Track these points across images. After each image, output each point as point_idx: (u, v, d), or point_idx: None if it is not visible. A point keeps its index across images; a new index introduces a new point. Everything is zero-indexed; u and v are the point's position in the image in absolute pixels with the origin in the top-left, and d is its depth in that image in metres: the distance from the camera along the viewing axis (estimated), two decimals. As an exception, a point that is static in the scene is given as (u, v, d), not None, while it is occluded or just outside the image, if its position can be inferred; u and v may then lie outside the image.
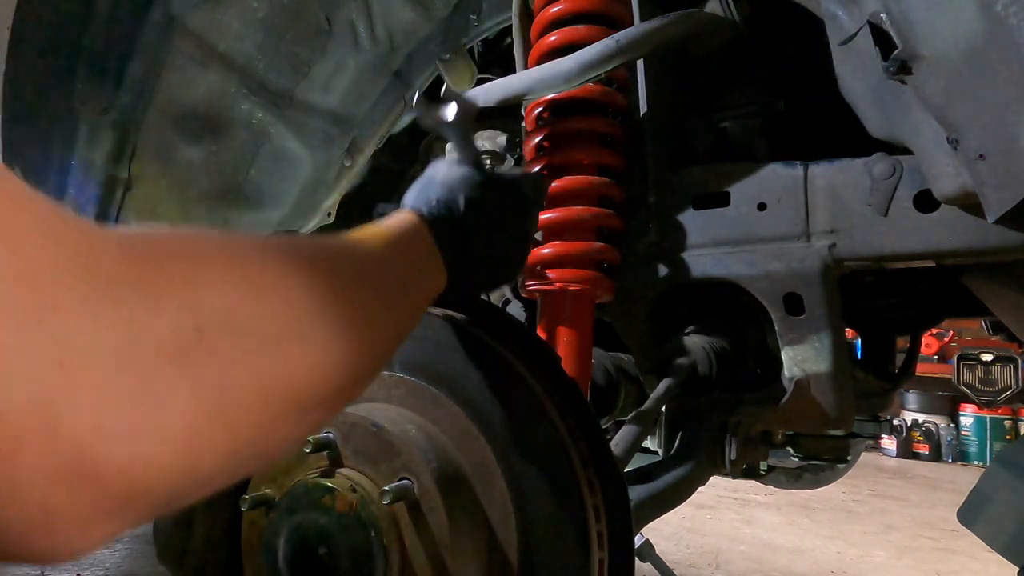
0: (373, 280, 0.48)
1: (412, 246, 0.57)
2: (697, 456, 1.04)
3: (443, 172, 0.66)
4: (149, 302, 0.29)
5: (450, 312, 0.68)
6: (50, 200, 0.28)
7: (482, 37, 1.32)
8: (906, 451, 6.56)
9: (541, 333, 0.94)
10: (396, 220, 0.58)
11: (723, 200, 0.94)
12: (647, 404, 0.95)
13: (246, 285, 0.35)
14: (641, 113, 0.98)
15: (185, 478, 0.29)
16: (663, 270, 0.98)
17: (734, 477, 1.14)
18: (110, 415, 0.25)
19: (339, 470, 0.63)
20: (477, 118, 0.86)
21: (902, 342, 1.64)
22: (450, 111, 0.68)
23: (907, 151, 0.76)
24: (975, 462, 6.32)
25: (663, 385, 0.97)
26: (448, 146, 0.96)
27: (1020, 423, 6.36)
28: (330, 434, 0.64)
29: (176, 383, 0.29)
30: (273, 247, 0.40)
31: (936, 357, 6.62)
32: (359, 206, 1.66)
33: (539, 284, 0.94)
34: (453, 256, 0.60)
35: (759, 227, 0.91)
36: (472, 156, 0.68)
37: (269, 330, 0.35)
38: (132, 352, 0.27)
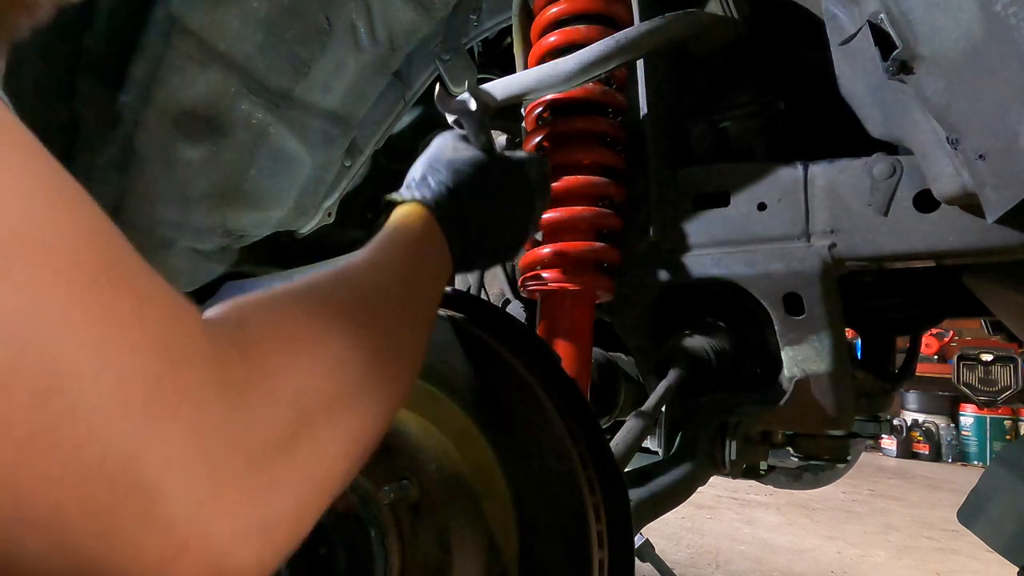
0: (408, 304, 0.51)
1: (428, 251, 0.59)
2: (697, 456, 1.04)
3: (449, 153, 0.67)
4: (263, 397, 0.31)
5: (451, 312, 0.68)
6: (157, 276, 0.29)
7: (482, 37, 1.32)
8: (906, 451, 6.56)
9: (541, 333, 0.94)
10: (407, 220, 0.60)
11: (723, 200, 0.94)
12: (647, 404, 0.95)
13: (329, 359, 0.38)
14: (641, 113, 0.98)
15: (292, 547, 0.32)
16: (663, 270, 0.98)
17: (734, 477, 1.14)
18: (244, 517, 0.28)
19: (339, 470, 0.63)
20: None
21: (902, 342, 1.64)
22: (471, 103, 0.71)
23: (907, 151, 0.76)
24: (975, 462, 6.32)
25: (663, 385, 0.97)
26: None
27: (1020, 423, 6.36)
28: (330, 434, 0.64)
29: (289, 473, 0.31)
30: (333, 305, 0.42)
31: (936, 357, 6.62)
32: (359, 206, 1.66)
33: (539, 284, 0.94)
34: (458, 242, 0.62)
35: (759, 227, 0.91)
36: (483, 139, 0.70)
37: (350, 398, 0.38)
38: (255, 450, 0.29)
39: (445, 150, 0.68)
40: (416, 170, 0.67)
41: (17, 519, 0.24)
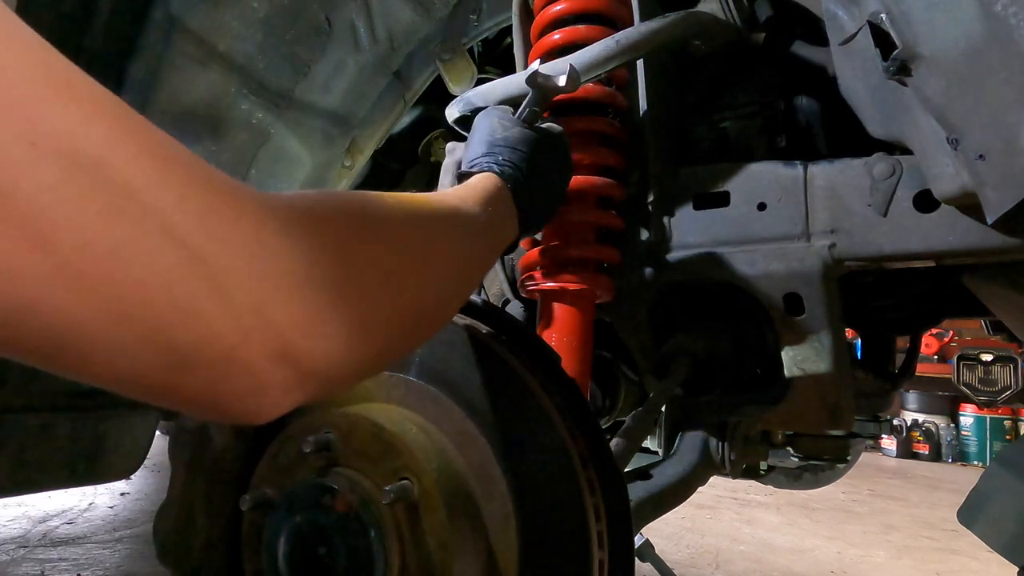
0: (483, 235, 0.62)
1: (500, 206, 0.67)
2: (697, 456, 1.04)
3: (502, 132, 0.75)
4: (309, 236, 0.37)
5: (450, 312, 0.68)
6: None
7: (482, 37, 1.32)
8: (906, 451, 6.56)
9: (541, 333, 0.94)
10: (484, 183, 0.67)
11: (723, 200, 0.94)
12: (647, 404, 0.95)
13: (422, 240, 0.49)
14: (641, 113, 0.98)
15: (349, 372, 0.39)
16: (663, 270, 0.98)
17: (734, 477, 1.14)
18: (300, 339, 0.34)
19: (339, 470, 0.63)
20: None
21: (902, 342, 1.63)
22: (562, 79, 0.75)
23: (907, 151, 0.76)
24: (975, 462, 6.32)
25: (663, 385, 0.97)
26: (449, 145, 0.96)
27: (1020, 423, 6.36)
28: (330, 434, 0.64)
29: (336, 305, 0.37)
30: (431, 214, 0.53)
31: (936, 357, 6.62)
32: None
33: (539, 284, 0.94)
34: (523, 207, 0.70)
35: (759, 227, 0.91)
36: (535, 115, 0.77)
37: (399, 267, 0.46)
38: (301, 274, 0.34)
39: (497, 129, 0.75)
40: (476, 148, 0.74)
41: (115, 317, 0.28)
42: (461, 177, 0.72)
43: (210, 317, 0.30)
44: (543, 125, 0.80)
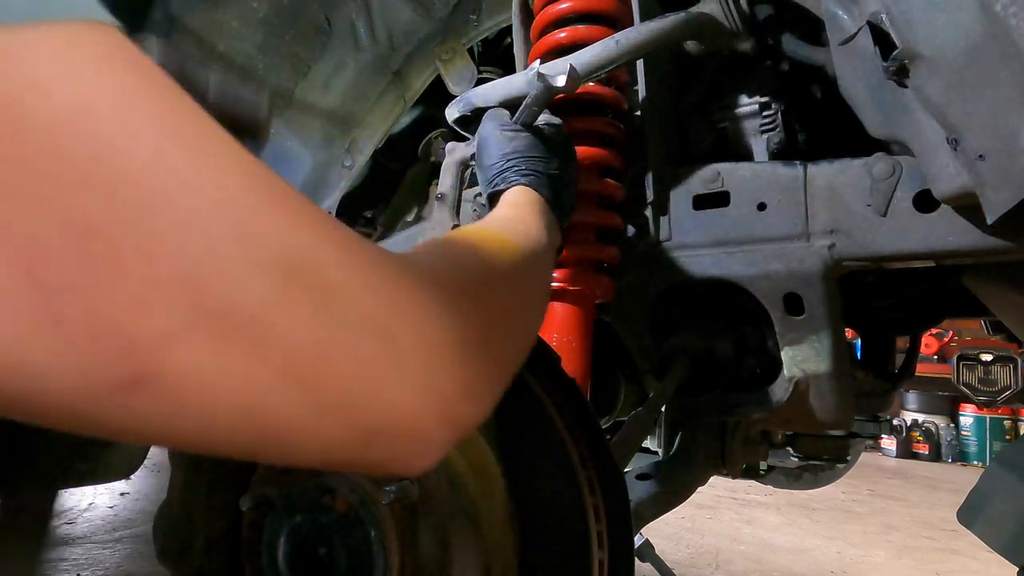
0: (550, 255, 0.63)
1: (547, 218, 0.68)
2: (697, 456, 1.04)
3: (511, 142, 0.75)
4: (474, 302, 0.40)
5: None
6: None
7: (482, 37, 1.32)
8: (906, 451, 6.56)
9: (541, 333, 0.94)
10: (524, 198, 0.69)
11: (723, 200, 0.94)
12: (647, 404, 0.95)
13: (513, 280, 0.50)
14: (641, 113, 0.98)
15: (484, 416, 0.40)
16: (663, 270, 0.98)
17: (734, 477, 1.14)
18: (459, 403, 0.36)
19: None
20: (478, 117, 0.86)
21: (902, 342, 1.64)
22: (561, 79, 0.75)
23: (907, 151, 0.76)
24: (975, 462, 6.32)
25: (663, 385, 0.97)
26: (449, 145, 0.96)
27: (1020, 423, 6.35)
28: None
29: (494, 360, 0.40)
30: (519, 251, 0.54)
31: (936, 357, 6.61)
32: (359, 206, 1.66)
33: (539, 284, 0.94)
34: (556, 212, 0.73)
35: (759, 227, 0.91)
36: (535, 115, 0.77)
37: (526, 321, 0.50)
38: (470, 336, 0.37)
39: (507, 137, 0.76)
40: (493, 161, 0.75)
41: (320, 409, 0.29)
42: (493, 197, 0.73)
43: (395, 395, 0.32)
44: (541, 122, 0.80)
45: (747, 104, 1.00)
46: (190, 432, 0.26)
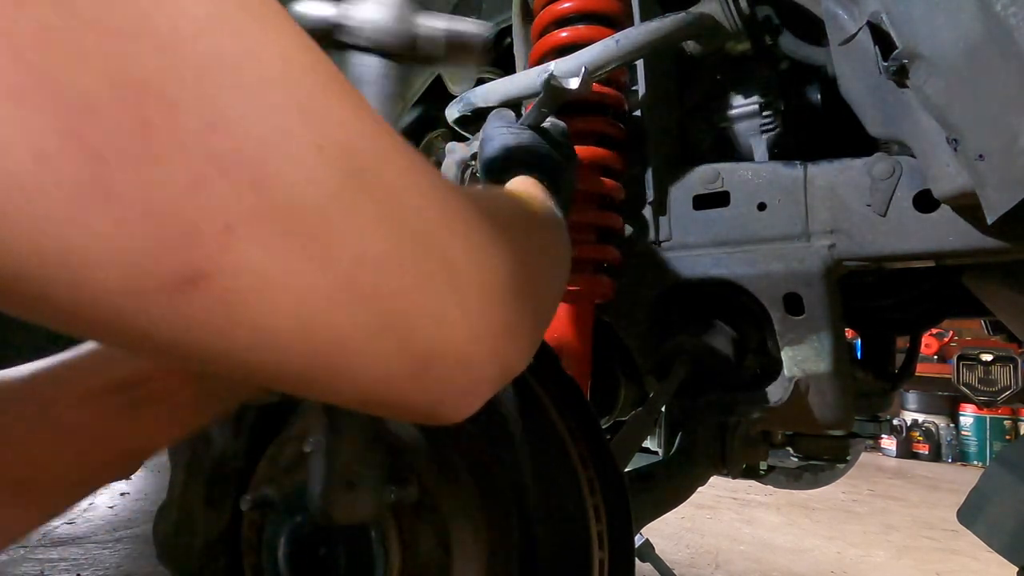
0: (566, 232, 0.62)
1: (550, 202, 0.67)
2: (697, 456, 1.04)
3: (515, 140, 0.74)
4: (523, 244, 0.39)
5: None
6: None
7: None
8: (906, 451, 6.56)
9: (541, 333, 0.94)
10: (533, 185, 0.68)
11: (723, 200, 0.94)
12: (647, 404, 0.95)
13: (544, 232, 0.50)
14: (641, 113, 0.98)
15: (521, 369, 0.39)
16: (663, 270, 0.98)
17: (734, 477, 1.14)
18: (506, 340, 0.35)
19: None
20: (478, 117, 0.86)
21: (902, 342, 1.64)
22: (575, 81, 0.75)
23: (907, 151, 0.76)
24: (975, 462, 6.32)
25: (663, 385, 0.97)
26: (449, 145, 0.96)
27: (1020, 423, 6.35)
28: (330, 434, 0.64)
29: (537, 304, 0.39)
30: (534, 212, 0.53)
31: (936, 357, 6.61)
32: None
33: (539, 284, 0.94)
34: (560, 204, 0.72)
35: (759, 227, 0.91)
36: (544, 116, 0.77)
37: (560, 268, 0.50)
38: (519, 284, 0.35)
39: (512, 135, 0.75)
40: (496, 156, 0.73)
41: (378, 329, 0.27)
42: (498, 180, 0.72)
43: (452, 320, 0.30)
44: (547, 125, 0.80)
45: (747, 104, 1.00)
46: (241, 345, 0.23)
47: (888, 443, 6.59)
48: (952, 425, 6.58)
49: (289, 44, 0.24)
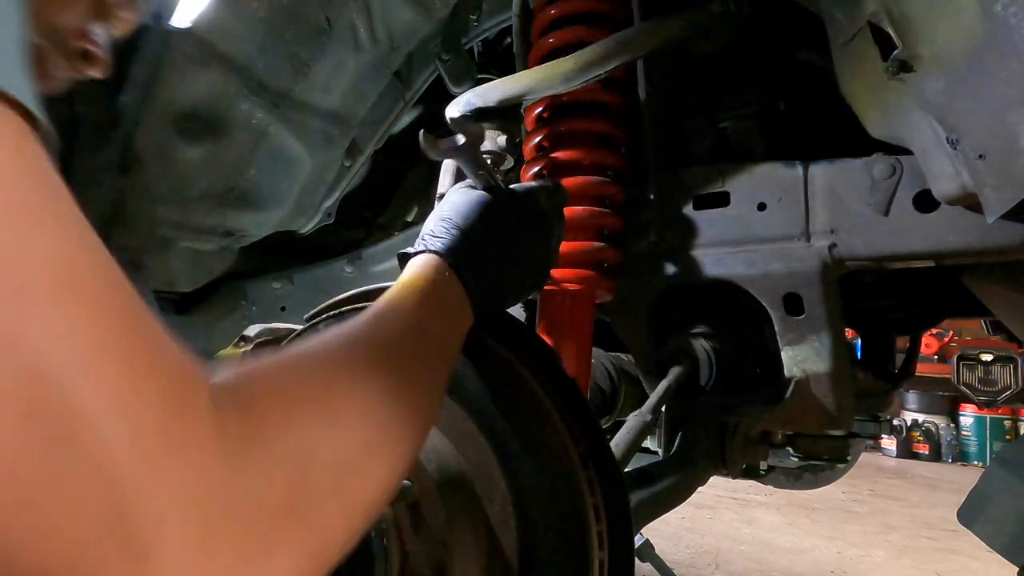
0: (421, 358, 0.50)
1: (443, 298, 0.58)
2: (697, 456, 1.04)
3: (456, 201, 0.66)
4: (262, 460, 0.31)
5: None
6: (158, 324, 0.29)
7: (482, 37, 1.32)
8: (906, 451, 6.56)
9: (541, 333, 0.94)
10: (422, 271, 0.59)
11: (723, 200, 0.94)
12: (647, 404, 0.95)
13: (333, 418, 0.37)
14: (641, 113, 0.98)
15: None
16: (663, 270, 0.98)
17: (734, 477, 1.14)
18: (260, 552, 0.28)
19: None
20: (478, 117, 0.86)
21: (902, 342, 1.64)
22: (459, 139, 0.66)
23: (907, 151, 0.76)
24: (975, 462, 6.32)
25: (663, 385, 0.97)
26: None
27: (1020, 423, 6.36)
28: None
29: (286, 541, 0.31)
30: (339, 363, 0.41)
31: (936, 357, 6.61)
32: (359, 206, 1.66)
33: (539, 284, 0.94)
34: (477, 285, 0.61)
35: (759, 227, 0.91)
36: (484, 179, 0.68)
37: (356, 461, 0.37)
38: (251, 515, 0.29)
39: (452, 200, 0.67)
40: (428, 224, 0.66)
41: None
42: (401, 259, 0.63)
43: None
44: (518, 185, 0.73)
45: (747, 104, 1.00)
46: None
47: (888, 443, 6.60)
48: (952, 425, 6.58)
49: (28, 251, 0.24)
